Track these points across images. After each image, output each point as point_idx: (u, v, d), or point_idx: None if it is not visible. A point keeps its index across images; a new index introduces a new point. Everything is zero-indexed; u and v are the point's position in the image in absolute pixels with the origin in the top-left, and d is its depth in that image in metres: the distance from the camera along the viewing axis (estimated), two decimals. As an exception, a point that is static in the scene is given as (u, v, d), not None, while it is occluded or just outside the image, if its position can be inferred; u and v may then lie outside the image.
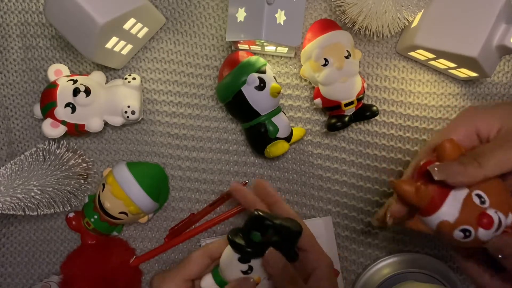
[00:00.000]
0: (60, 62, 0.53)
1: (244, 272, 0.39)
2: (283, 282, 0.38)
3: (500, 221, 0.34)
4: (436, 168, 0.35)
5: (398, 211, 0.38)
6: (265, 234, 0.38)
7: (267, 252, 0.38)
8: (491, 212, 0.34)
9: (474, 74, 0.48)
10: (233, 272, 0.40)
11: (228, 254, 0.40)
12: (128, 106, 0.49)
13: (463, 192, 0.35)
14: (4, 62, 0.53)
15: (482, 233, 0.34)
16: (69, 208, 0.49)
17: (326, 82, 0.48)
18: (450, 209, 0.35)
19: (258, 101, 0.48)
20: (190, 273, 0.42)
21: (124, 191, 0.48)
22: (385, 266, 0.53)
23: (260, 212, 0.39)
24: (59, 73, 0.50)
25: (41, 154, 0.47)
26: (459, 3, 0.43)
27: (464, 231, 0.34)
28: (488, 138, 0.39)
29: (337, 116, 0.50)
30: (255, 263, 0.39)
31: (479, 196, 0.35)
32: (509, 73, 0.52)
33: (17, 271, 0.55)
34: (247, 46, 0.50)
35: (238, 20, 0.44)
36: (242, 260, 0.39)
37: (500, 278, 0.38)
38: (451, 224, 0.35)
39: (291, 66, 0.53)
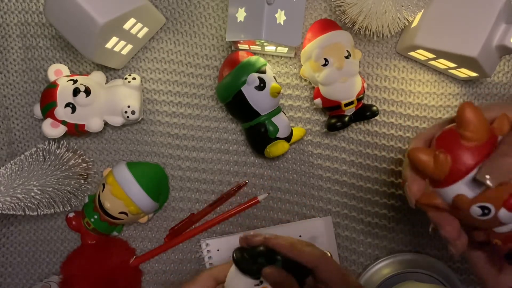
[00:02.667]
0: (60, 62, 0.53)
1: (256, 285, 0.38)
2: None
3: None
4: (487, 176, 0.29)
5: (417, 189, 0.35)
6: (273, 264, 0.37)
7: (265, 269, 0.37)
8: None
9: (474, 74, 0.48)
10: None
11: (236, 273, 0.39)
12: (128, 106, 0.49)
13: None
14: (4, 62, 0.53)
15: (504, 213, 0.31)
16: (69, 208, 0.49)
17: (326, 82, 0.48)
18: (474, 182, 0.31)
19: (258, 101, 0.48)
20: None
21: (124, 191, 0.48)
22: (385, 266, 0.53)
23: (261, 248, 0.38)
24: (59, 73, 0.50)
25: (41, 154, 0.47)
26: (459, 3, 0.43)
27: (483, 208, 0.31)
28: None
29: (337, 116, 0.50)
30: None
31: None
32: (509, 73, 0.52)
33: (17, 271, 0.55)
34: (247, 46, 0.50)
35: (238, 20, 0.44)
36: (253, 278, 0.38)
37: (507, 275, 0.36)
38: (471, 199, 0.31)
39: (291, 66, 0.53)
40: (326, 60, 0.47)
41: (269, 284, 0.37)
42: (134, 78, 0.50)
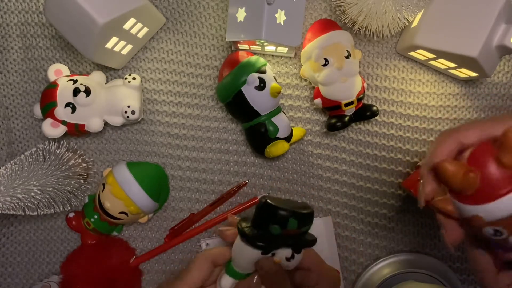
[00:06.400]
0: (60, 62, 0.53)
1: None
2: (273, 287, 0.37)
3: None
4: None
5: (431, 189, 0.34)
6: (285, 227, 0.35)
7: (260, 259, 0.36)
8: None
9: (474, 74, 0.48)
10: (251, 260, 0.38)
11: (241, 246, 0.38)
12: (128, 106, 0.49)
13: None
14: (4, 62, 0.53)
15: None
16: (69, 208, 0.49)
17: (326, 82, 0.48)
18: (497, 209, 0.30)
19: (258, 101, 0.48)
20: (192, 281, 0.40)
21: (124, 191, 0.48)
22: (385, 266, 0.53)
23: (270, 201, 0.35)
24: (59, 73, 0.50)
25: (41, 154, 0.47)
26: (459, 3, 0.43)
27: (496, 231, 0.31)
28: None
29: (337, 116, 0.50)
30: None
31: None
32: (509, 73, 0.52)
33: (17, 271, 0.55)
34: (247, 46, 0.50)
35: (238, 20, 0.44)
36: (265, 253, 0.37)
37: (505, 274, 0.36)
38: (488, 222, 0.31)
39: (291, 66, 0.53)
40: (326, 60, 0.47)
41: (260, 276, 0.38)
42: (134, 78, 0.50)
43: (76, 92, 0.47)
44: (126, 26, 0.45)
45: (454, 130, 0.35)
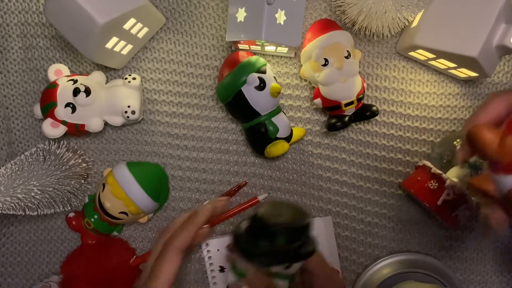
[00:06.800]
0: (60, 62, 0.53)
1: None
2: None
3: None
4: None
5: (466, 153, 0.32)
6: (274, 242, 0.32)
7: (249, 275, 0.34)
8: None
9: (474, 74, 0.48)
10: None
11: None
12: (128, 106, 0.49)
13: None
14: (4, 62, 0.53)
15: None
16: (69, 208, 0.49)
17: (326, 82, 0.48)
18: None
19: (258, 101, 0.48)
20: (166, 279, 0.36)
21: (124, 191, 0.48)
22: (385, 266, 0.53)
23: (260, 214, 0.32)
24: (59, 73, 0.50)
25: (41, 154, 0.47)
26: (459, 3, 0.43)
27: None
28: None
29: (337, 116, 0.50)
30: None
31: None
32: (509, 73, 0.52)
33: (17, 271, 0.55)
34: (247, 46, 0.50)
35: (238, 20, 0.44)
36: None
37: None
38: None
39: (291, 66, 0.53)
40: (326, 60, 0.47)
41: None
42: (134, 78, 0.50)
43: (76, 92, 0.47)
44: (126, 26, 0.45)
45: (506, 92, 0.31)
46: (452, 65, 0.48)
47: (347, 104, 0.48)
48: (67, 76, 0.50)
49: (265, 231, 0.32)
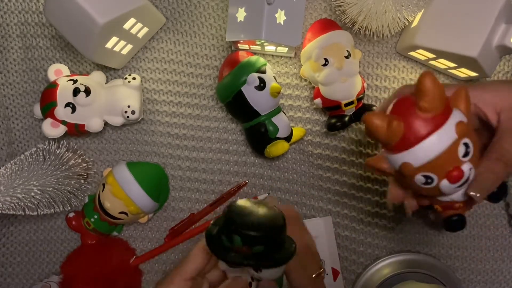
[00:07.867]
0: (60, 62, 0.53)
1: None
2: None
3: (467, 179, 0.33)
4: (476, 194, 0.33)
5: (396, 194, 0.37)
6: (231, 241, 0.30)
7: (229, 279, 0.34)
8: (466, 167, 0.32)
9: (474, 74, 0.48)
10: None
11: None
12: (128, 106, 0.49)
13: (450, 137, 0.31)
14: (4, 62, 0.53)
15: (445, 184, 0.33)
16: (69, 208, 0.49)
17: (326, 82, 0.48)
18: (421, 152, 0.32)
19: (258, 101, 0.48)
20: (188, 272, 0.40)
21: (124, 191, 0.48)
22: (385, 266, 0.53)
23: (234, 207, 0.31)
24: (59, 73, 0.50)
25: (41, 154, 0.47)
26: (459, 3, 0.43)
27: (427, 177, 0.32)
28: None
29: (337, 116, 0.50)
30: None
31: (466, 145, 0.32)
32: (509, 73, 0.52)
33: (17, 271, 0.55)
34: (247, 46, 0.50)
35: (238, 20, 0.44)
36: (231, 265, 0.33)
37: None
38: (416, 168, 0.32)
39: (291, 66, 0.53)
40: (326, 60, 0.47)
41: None
42: (134, 78, 0.50)
43: (76, 92, 0.47)
44: (126, 26, 0.45)
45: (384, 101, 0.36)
46: (452, 65, 0.48)
47: (347, 104, 0.48)
48: (67, 76, 0.50)
49: (226, 226, 0.30)
